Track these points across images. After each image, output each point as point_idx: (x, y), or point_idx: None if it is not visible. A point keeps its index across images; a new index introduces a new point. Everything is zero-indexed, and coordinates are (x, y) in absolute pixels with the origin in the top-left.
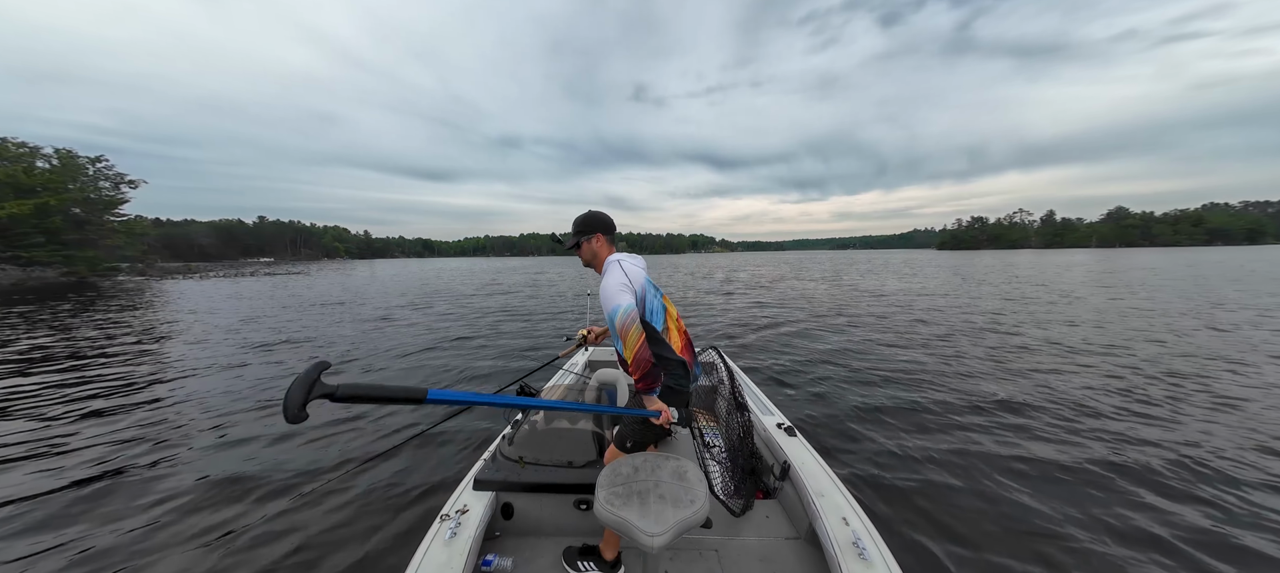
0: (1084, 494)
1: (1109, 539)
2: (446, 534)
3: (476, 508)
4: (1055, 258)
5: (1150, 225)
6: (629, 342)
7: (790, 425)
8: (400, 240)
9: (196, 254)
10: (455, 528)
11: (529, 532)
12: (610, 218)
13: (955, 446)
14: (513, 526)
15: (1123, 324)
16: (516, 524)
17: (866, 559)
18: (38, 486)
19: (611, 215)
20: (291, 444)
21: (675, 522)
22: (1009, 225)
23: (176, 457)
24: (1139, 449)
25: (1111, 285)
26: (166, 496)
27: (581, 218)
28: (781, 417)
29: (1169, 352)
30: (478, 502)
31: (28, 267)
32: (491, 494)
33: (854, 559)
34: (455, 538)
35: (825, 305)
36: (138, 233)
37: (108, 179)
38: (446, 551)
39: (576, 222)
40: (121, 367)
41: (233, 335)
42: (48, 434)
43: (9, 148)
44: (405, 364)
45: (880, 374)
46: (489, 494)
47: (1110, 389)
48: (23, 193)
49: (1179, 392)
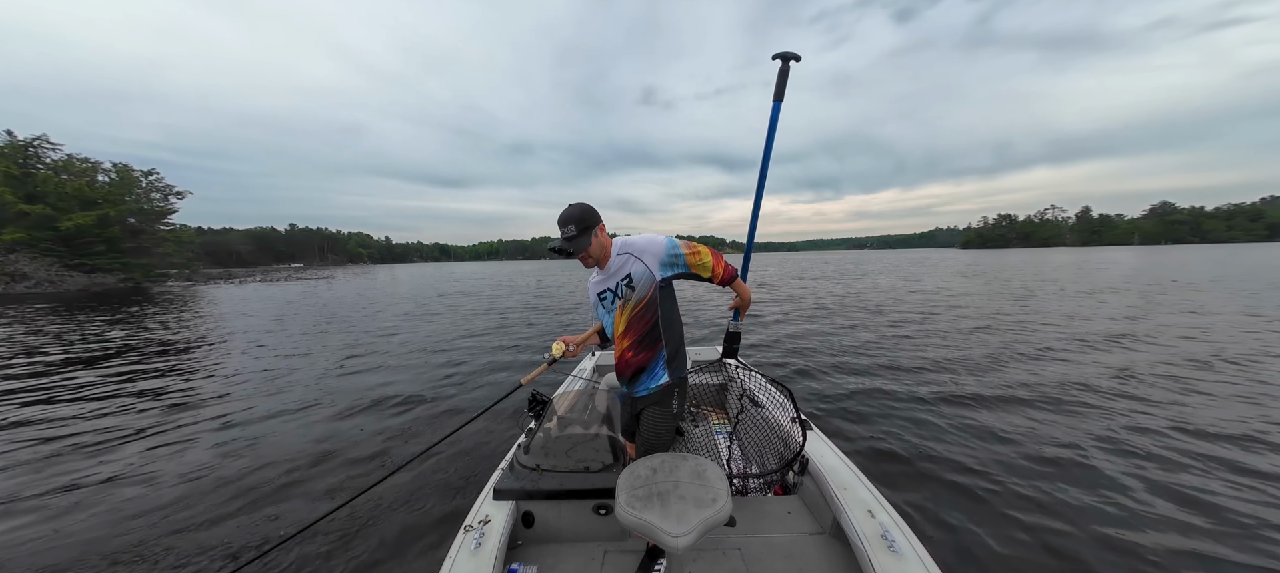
0: (1127, 500)
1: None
2: (471, 545)
3: (498, 518)
4: (1094, 256)
5: (1201, 221)
6: (701, 255)
7: (806, 419)
8: (418, 245)
9: (234, 260)
10: (479, 539)
11: (550, 539)
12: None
13: (980, 438)
14: (534, 534)
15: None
16: (538, 532)
17: (897, 552)
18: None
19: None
20: (314, 454)
21: (699, 521)
22: (1040, 222)
23: (201, 451)
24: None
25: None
26: (180, 498)
27: (579, 210)
28: (796, 411)
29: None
30: (499, 511)
31: (91, 273)
32: (512, 503)
33: (884, 552)
34: (480, 549)
35: (829, 301)
36: (184, 241)
37: (158, 191)
38: (473, 561)
39: (574, 217)
40: (193, 364)
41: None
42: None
43: (75, 164)
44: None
45: (896, 367)
46: (509, 503)
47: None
48: (86, 205)
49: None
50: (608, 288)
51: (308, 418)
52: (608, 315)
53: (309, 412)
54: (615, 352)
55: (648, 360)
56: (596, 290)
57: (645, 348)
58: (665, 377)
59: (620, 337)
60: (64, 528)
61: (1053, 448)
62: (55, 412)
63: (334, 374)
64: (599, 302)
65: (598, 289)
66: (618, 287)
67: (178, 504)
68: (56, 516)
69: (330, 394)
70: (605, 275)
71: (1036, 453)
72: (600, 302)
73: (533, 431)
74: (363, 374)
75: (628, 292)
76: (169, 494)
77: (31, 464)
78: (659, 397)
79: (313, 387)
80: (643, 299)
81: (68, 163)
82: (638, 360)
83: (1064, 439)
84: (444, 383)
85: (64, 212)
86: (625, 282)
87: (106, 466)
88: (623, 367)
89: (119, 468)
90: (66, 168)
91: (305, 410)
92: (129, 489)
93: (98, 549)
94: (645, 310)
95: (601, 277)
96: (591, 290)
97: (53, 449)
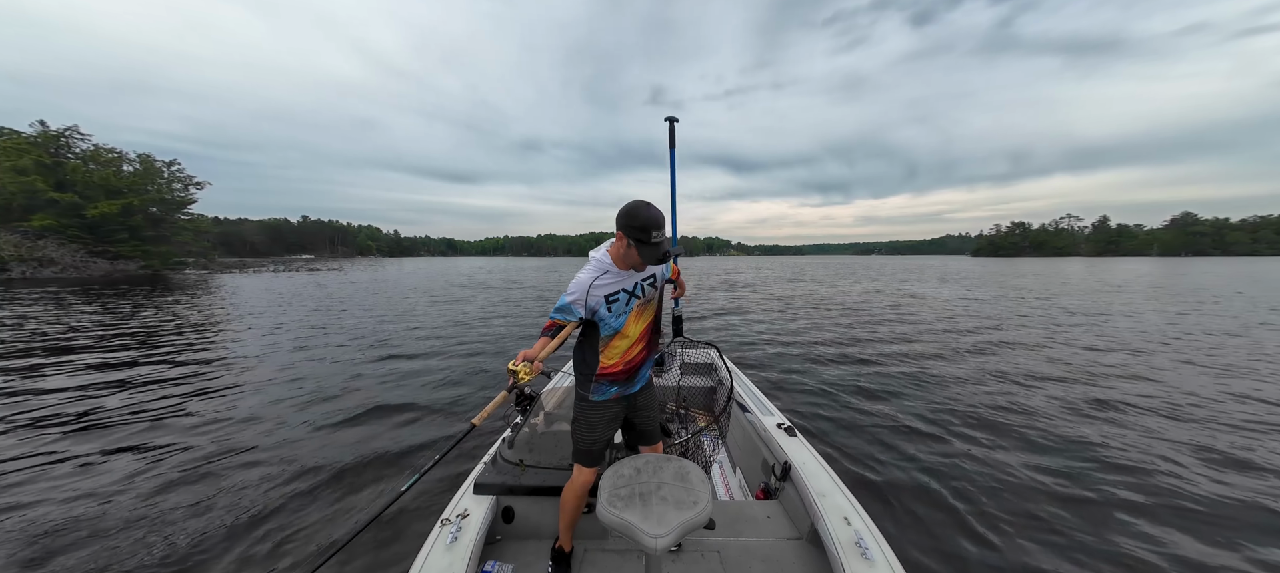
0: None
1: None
2: (447, 539)
3: (477, 512)
4: (1109, 267)
5: (1224, 233)
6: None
7: (790, 425)
8: (426, 240)
9: (248, 250)
10: (456, 533)
11: (530, 535)
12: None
13: (961, 448)
14: (514, 529)
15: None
16: (517, 528)
17: (869, 559)
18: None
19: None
20: (294, 445)
21: (678, 523)
22: (1055, 231)
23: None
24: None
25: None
26: (172, 479)
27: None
28: (781, 417)
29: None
30: (478, 506)
31: (114, 260)
32: (492, 498)
33: (856, 559)
34: (456, 543)
35: (824, 305)
36: (202, 230)
37: (179, 181)
38: (448, 556)
39: (655, 216)
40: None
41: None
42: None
43: (102, 154)
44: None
45: (883, 375)
46: (490, 498)
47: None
48: (112, 194)
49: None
50: (623, 289)
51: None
52: (615, 319)
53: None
54: (623, 354)
55: (647, 357)
56: (605, 291)
57: (649, 347)
58: (649, 367)
59: (638, 339)
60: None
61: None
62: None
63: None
64: (607, 303)
65: (608, 290)
66: (637, 287)
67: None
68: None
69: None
70: (620, 276)
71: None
72: (609, 303)
73: (519, 426)
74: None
75: (651, 292)
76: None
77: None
78: (649, 383)
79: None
80: (655, 301)
81: (95, 153)
82: (641, 357)
83: (1062, 443)
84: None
85: (91, 200)
86: (649, 282)
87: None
88: (630, 369)
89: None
90: (94, 157)
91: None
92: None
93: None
94: (656, 311)
95: (615, 277)
96: (594, 292)
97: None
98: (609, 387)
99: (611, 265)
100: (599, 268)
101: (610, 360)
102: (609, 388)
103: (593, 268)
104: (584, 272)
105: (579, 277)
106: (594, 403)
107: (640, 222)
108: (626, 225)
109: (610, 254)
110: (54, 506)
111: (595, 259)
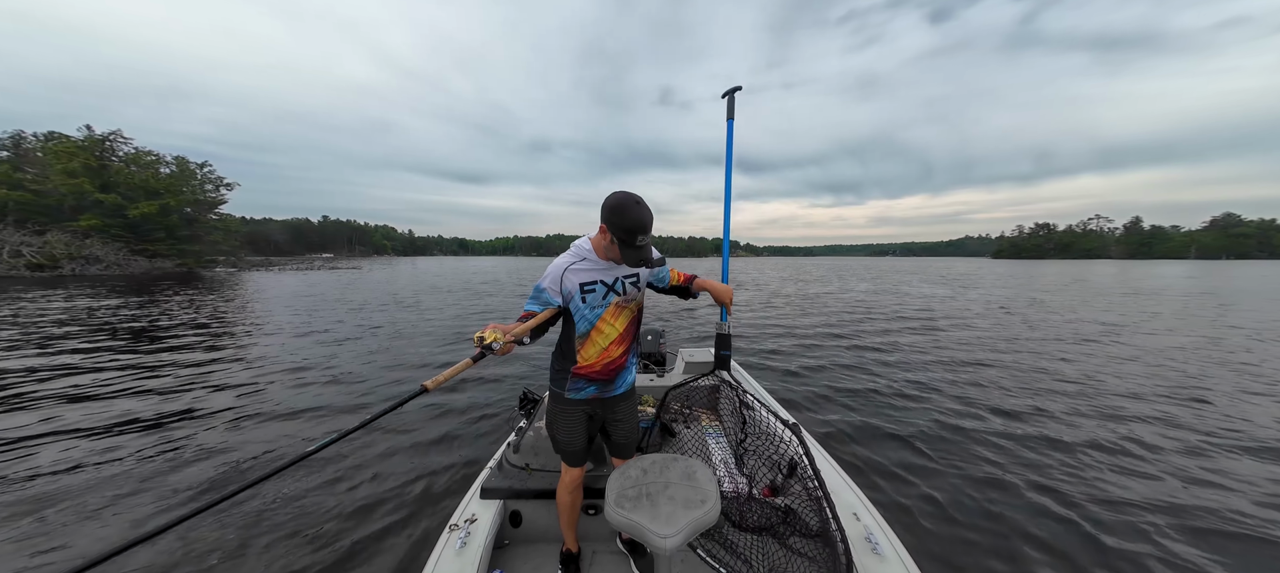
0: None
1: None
2: (457, 544)
3: (485, 517)
4: (1140, 271)
5: (1270, 235)
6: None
7: (796, 423)
8: (439, 239)
9: (272, 249)
10: (465, 538)
11: (538, 539)
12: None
13: (969, 442)
14: (522, 533)
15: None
16: (525, 532)
17: (880, 554)
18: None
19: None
20: (299, 445)
21: (687, 523)
22: (1082, 233)
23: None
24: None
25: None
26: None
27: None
28: (787, 414)
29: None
30: (486, 511)
31: (152, 258)
32: (499, 502)
33: (867, 555)
34: (465, 548)
35: (826, 305)
36: (232, 230)
37: (211, 182)
38: (458, 561)
39: (643, 217)
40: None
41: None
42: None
43: (142, 157)
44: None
45: (883, 372)
46: (497, 502)
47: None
48: (151, 195)
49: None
50: (600, 280)
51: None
52: (589, 310)
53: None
54: (602, 353)
55: (628, 360)
56: (580, 279)
57: (630, 350)
58: (633, 373)
59: (617, 339)
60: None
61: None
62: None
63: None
64: (581, 292)
65: (583, 278)
66: (618, 283)
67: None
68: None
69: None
70: (599, 266)
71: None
72: (584, 292)
73: (523, 429)
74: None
75: (634, 291)
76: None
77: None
78: (629, 391)
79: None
80: (636, 302)
81: (136, 155)
82: (622, 361)
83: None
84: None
85: (132, 201)
86: (630, 281)
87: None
88: (609, 370)
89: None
90: (135, 160)
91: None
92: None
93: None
94: (636, 312)
95: (593, 266)
96: (569, 277)
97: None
98: (586, 386)
99: (591, 253)
100: (578, 253)
101: (589, 359)
102: (586, 387)
103: (571, 253)
104: (562, 257)
105: (556, 261)
106: (569, 401)
107: (627, 222)
108: (610, 220)
109: (592, 243)
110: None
111: (576, 245)
